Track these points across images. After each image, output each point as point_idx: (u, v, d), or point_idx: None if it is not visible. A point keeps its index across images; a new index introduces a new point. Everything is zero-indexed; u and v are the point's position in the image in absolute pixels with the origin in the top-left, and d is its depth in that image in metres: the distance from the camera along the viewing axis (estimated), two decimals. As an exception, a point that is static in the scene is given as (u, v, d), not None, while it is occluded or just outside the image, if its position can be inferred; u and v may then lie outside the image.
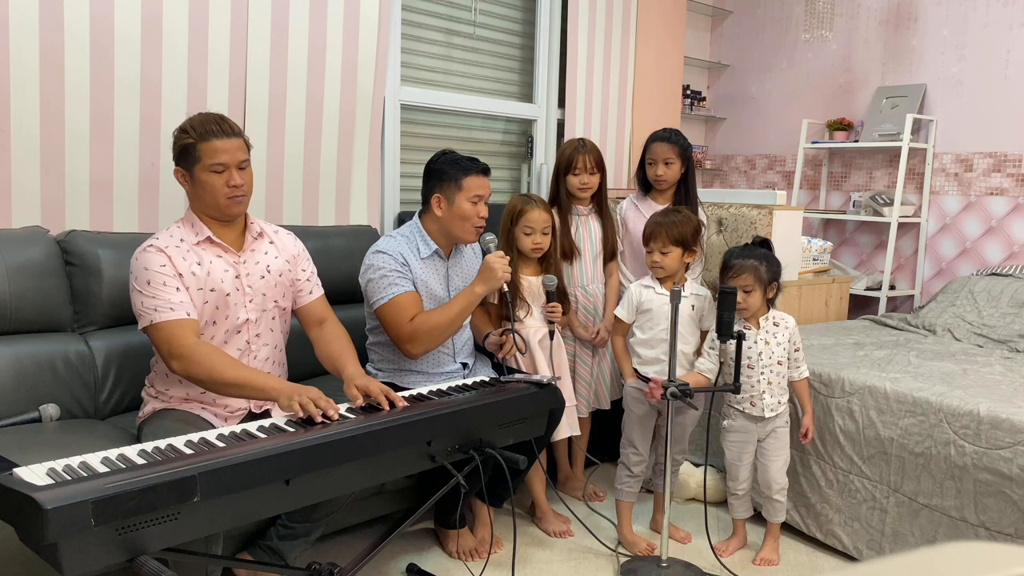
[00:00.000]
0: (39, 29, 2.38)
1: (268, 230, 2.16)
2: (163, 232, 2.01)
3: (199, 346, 1.89)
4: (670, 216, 2.54)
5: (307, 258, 2.23)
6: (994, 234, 3.87)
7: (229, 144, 1.97)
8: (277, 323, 2.15)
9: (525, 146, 4.05)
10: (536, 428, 2.18)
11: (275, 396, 1.85)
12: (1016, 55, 3.75)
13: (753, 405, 2.48)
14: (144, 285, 1.91)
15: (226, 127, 1.98)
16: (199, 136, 1.94)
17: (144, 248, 1.96)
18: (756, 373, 2.45)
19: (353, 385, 1.95)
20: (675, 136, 2.92)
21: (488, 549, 2.54)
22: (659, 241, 2.50)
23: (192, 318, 1.93)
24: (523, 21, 3.97)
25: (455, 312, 2.32)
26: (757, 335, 2.46)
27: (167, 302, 1.90)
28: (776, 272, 2.47)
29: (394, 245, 2.38)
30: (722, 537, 2.68)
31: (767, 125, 4.77)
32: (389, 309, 2.32)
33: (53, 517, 1.27)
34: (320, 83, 3.03)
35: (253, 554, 2.15)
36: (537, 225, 2.58)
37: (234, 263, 2.04)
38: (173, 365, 1.89)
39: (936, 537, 2.33)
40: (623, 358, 2.61)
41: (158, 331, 1.90)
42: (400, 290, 2.33)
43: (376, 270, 2.35)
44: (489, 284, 2.33)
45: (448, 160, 2.40)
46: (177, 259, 1.95)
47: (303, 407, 1.78)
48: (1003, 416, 2.19)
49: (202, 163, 1.95)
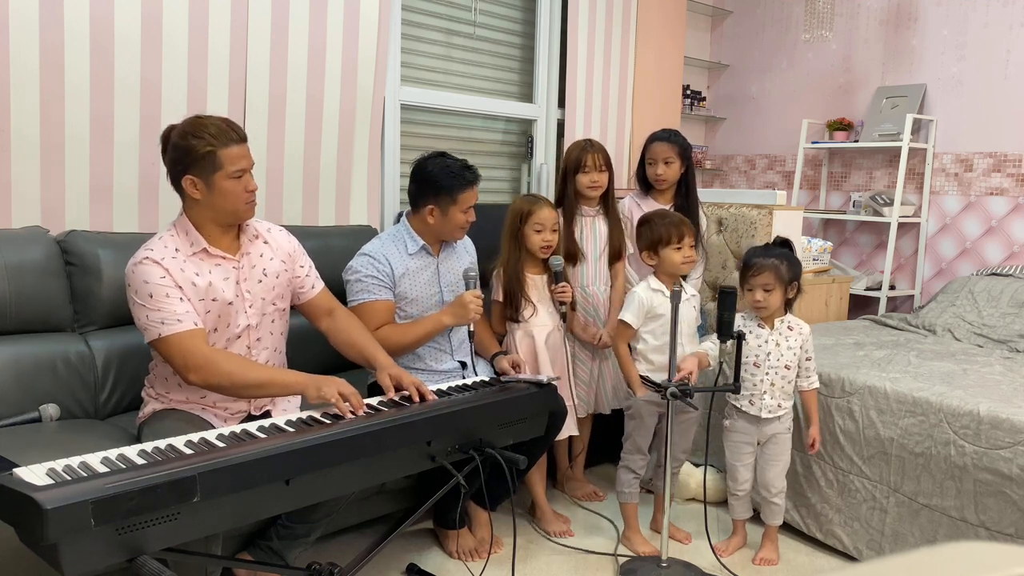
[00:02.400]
0: (39, 29, 2.38)
1: (261, 229, 2.13)
2: (155, 242, 1.95)
3: (214, 354, 1.89)
4: (672, 216, 2.52)
5: (303, 253, 2.21)
6: (994, 234, 3.87)
7: (244, 149, 1.96)
8: (277, 325, 2.14)
9: (525, 146, 4.05)
10: (536, 428, 2.18)
11: (301, 390, 1.88)
12: (1016, 55, 3.75)
13: (751, 404, 2.47)
14: (146, 299, 1.87)
15: (240, 132, 1.96)
16: (219, 143, 1.90)
17: (140, 261, 1.90)
18: (760, 372, 2.45)
19: (387, 374, 2.01)
20: (674, 136, 2.93)
21: (488, 549, 2.54)
22: (690, 236, 2.47)
23: (200, 327, 1.91)
24: (523, 21, 3.97)
25: (418, 335, 2.40)
26: (769, 335, 2.45)
27: (173, 314, 1.87)
28: (797, 272, 2.44)
29: (379, 247, 2.43)
30: (722, 537, 2.68)
31: (767, 125, 4.77)
32: (357, 312, 2.35)
33: (53, 517, 1.27)
34: (320, 83, 3.03)
35: (253, 554, 2.15)
36: (547, 223, 2.59)
37: (233, 269, 2.02)
38: (191, 377, 1.87)
39: (936, 537, 2.33)
40: (630, 367, 2.50)
41: (168, 345, 1.87)
42: (372, 297, 2.38)
43: (354, 272, 2.41)
44: (458, 320, 2.38)
45: (442, 170, 2.39)
46: (175, 271, 1.91)
47: (334, 402, 1.81)
48: (1003, 416, 2.19)
49: (224, 170, 1.91)
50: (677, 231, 2.46)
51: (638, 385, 2.47)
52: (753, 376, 2.45)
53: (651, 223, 2.51)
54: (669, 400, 2.30)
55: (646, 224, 2.52)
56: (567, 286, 2.59)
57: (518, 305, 2.61)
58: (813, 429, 2.51)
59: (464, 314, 2.35)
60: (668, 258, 2.47)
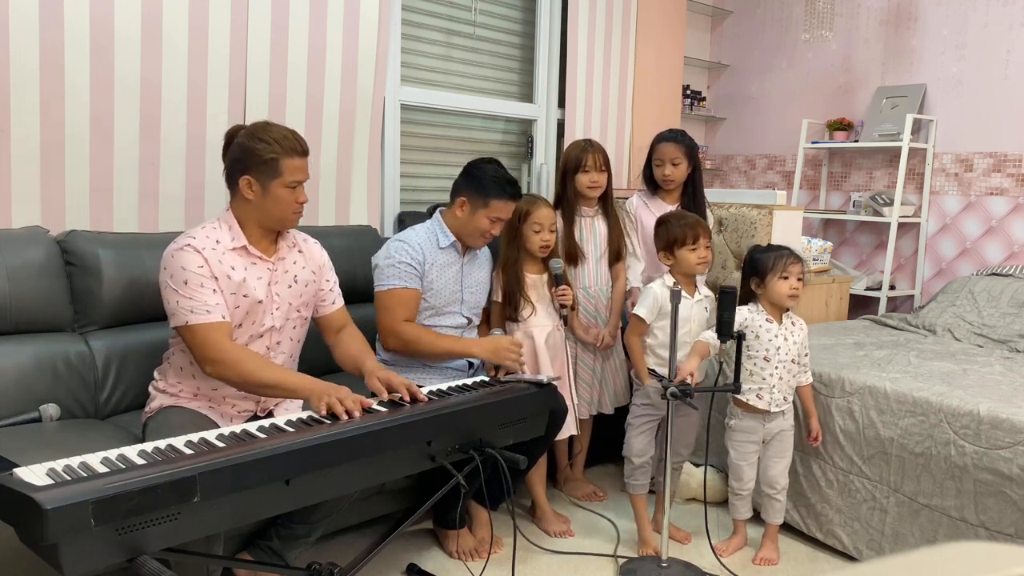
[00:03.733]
0: (39, 29, 2.38)
1: (299, 239, 2.19)
2: (199, 231, 1.99)
3: (233, 350, 1.93)
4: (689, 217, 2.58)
5: (331, 268, 2.26)
6: (994, 234, 3.87)
7: (304, 163, 2.03)
8: (297, 332, 2.18)
9: (525, 146, 4.05)
10: (536, 428, 2.18)
11: (306, 395, 1.91)
12: (1016, 55, 3.75)
13: (760, 398, 2.47)
14: (181, 285, 1.92)
15: (304, 146, 2.02)
16: (284, 151, 1.97)
17: (182, 247, 1.95)
18: (770, 367, 2.46)
19: (375, 378, 2.01)
20: (682, 136, 2.93)
21: (488, 549, 2.54)
22: (706, 237, 2.53)
23: (227, 321, 1.95)
24: (523, 21, 3.97)
25: (443, 349, 2.43)
26: (779, 330, 2.47)
27: (203, 304, 1.91)
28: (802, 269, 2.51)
29: (415, 236, 2.47)
30: (722, 537, 2.68)
31: (767, 125, 4.77)
32: (387, 297, 2.37)
33: (53, 517, 1.27)
34: (320, 83, 3.03)
35: (253, 554, 2.15)
36: (545, 222, 2.60)
37: (268, 270, 2.06)
38: (207, 368, 1.92)
39: (936, 537, 2.33)
40: (640, 358, 2.56)
41: (193, 333, 1.92)
42: (402, 284, 2.39)
43: (387, 257, 2.42)
44: (489, 358, 2.39)
45: (489, 174, 2.44)
46: (214, 262, 1.95)
47: (330, 407, 1.82)
48: (1003, 416, 2.19)
49: (282, 178, 1.97)
50: (692, 232, 2.51)
51: (646, 375, 2.53)
52: (763, 370, 2.46)
53: (668, 224, 2.56)
54: (669, 400, 2.31)
55: (663, 225, 2.58)
56: (567, 289, 2.60)
57: (517, 305, 2.61)
58: (814, 421, 2.54)
59: (496, 357, 2.36)
60: (683, 259, 2.51)
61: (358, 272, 2.91)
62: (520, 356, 2.38)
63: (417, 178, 3.62)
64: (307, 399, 1.91)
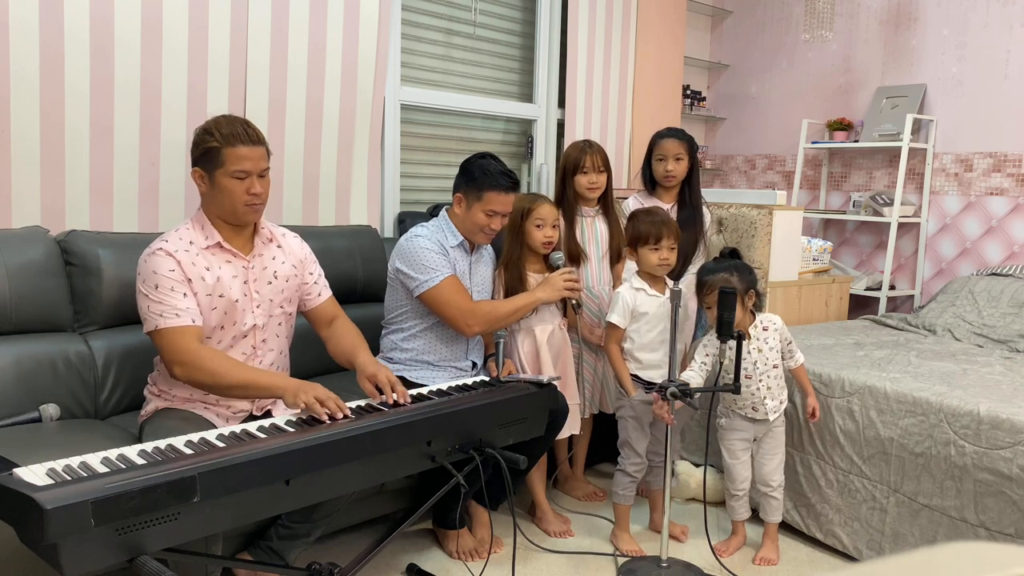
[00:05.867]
0: (39, 31, 2.38)
1: (276, 233, 2.16)
2: (171, 233, 1.99)
3: (201, 351, 1.89)
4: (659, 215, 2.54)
5: (313, 260, 2.24)
6: (994, 234, 3.87)
7: (254, 152, 1.96)
8: (283, 328, 2.15)
9: (525, 146, 4.05)
10: (536, 428, 2.18)
11: (280, 393, 1.88)
12: (1016, 55, 3.75)
13: (755, 410, 2.48)
14: (151, 289, 1.90)
15: (252, 134, 1.97)
16: (224, 140, 1.92)
17: (153, 251, 1.94)
18: (754, 382, 2.46)
19: (364, 377, 1.99)
20: (683, 133, 2.95)
21: (488, 549, 2.54)
22: (670, 239, 2.49)
23: (196, 325, 1.92)
24: (523, 21, 3.97)
25: (514, 307, 2.47)
26: (749, 345, 2.45)
27: (173, 308, 1.90)
28: (751, 280, 2.44)
29: (428, 232, 2.48)
30: (722, 537, 2.68)
31: (767, 125, 4.77)
32: (439, 292, 2.38)
33: (53, 517, 1.27)
34: (320, 83, 3.03)
35: (253, 554, 2.15)
36: (548, 219, 2.60)
37: (243, 268, 2.04)
38: (176, 371, 1.90)
39: (936, 537, 2.33)
40: (622, 368, 2.52)
41: (162, 337, 1.90)
42: (447, 273, 2.40)
43: (417, 254, 2.41)
44: (550, 296, 2.51)
45: (482, 167, 2.45)
46: (187, 264, 1.94)
47: (308, 407, 1.80)
48: (1003, 416, 2.19)
49: (224, 168, 1.93)
50: (656, 232, 2.47)
51: (631, 386, 2.50)
52: (748, 387, 2.46)
53: (635, 220, 2.55)
54: (670, 400, 2.30)
55: (632, 220, 2.57)
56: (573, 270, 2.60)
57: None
58: (811, 399, 2.53)
59: (554, 293, 2.50)
60: (644, 257, 2.50)
61: (358, 272, 2.91)
62: (568, 281, 2.50)
63: (417, 178, 3.62)
64: (281, 398, 1.88)
